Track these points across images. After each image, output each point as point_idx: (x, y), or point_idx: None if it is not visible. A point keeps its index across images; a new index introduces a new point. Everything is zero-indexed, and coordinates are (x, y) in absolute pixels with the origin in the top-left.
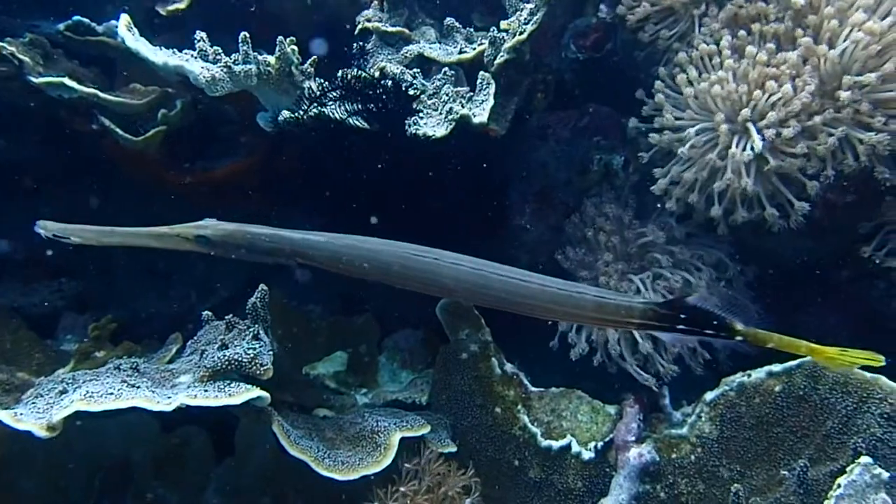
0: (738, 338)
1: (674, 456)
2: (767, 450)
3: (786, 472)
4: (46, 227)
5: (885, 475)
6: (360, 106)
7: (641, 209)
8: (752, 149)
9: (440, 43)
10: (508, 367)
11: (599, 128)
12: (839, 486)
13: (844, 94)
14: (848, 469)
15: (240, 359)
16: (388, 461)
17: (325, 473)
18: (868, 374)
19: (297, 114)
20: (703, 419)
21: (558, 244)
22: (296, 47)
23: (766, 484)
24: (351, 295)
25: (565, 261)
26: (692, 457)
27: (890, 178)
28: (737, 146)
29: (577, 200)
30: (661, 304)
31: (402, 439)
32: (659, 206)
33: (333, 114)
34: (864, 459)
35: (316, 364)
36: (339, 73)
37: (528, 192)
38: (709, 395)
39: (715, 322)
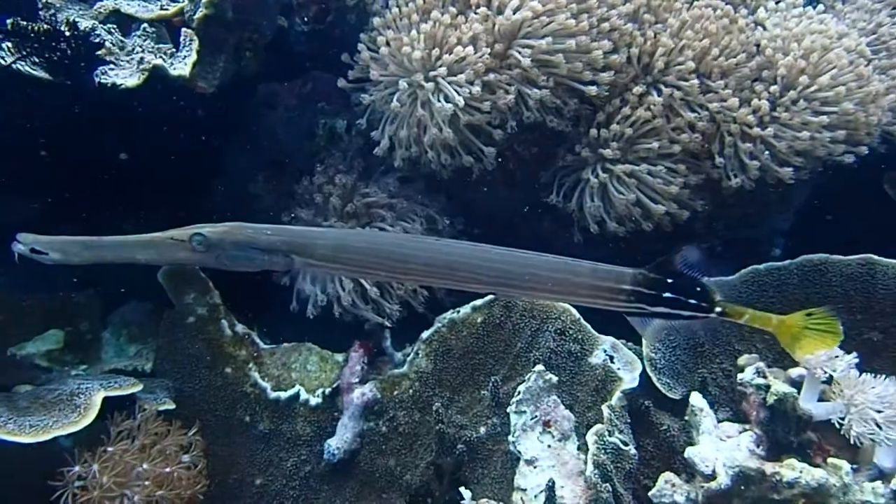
0: (717, 309)
1: (395, 393)
2: (472, 375)
3: (485, 392)
4: (25, 241)
5: (555, 379)
6: (38, 56)
7: (367, 169)
8: (450, 103)
9: (141, 1)
10: (239, 327)
11: (323, 94)
12: (519, 392)
13: (515, 56)
14: (526, 377)
15: None
16: (87, 421)
17: (7, 438)
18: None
19: None
20: (420, 356)
21: (290, 209)
22: None
23: (470, 404)
24: (83, 276)
25: (296, 222)
26: (411, 391)
27: (559, 125)
28: (438, 101)
29: (308, 165)
30: (650, 268)
31: (108, 399)
32: (382, 166)
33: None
34: (538, 368)
35: (24, 344)
36: (10, 21)
37: (259, 160)
38: (425, 334)
39: (698, 289)
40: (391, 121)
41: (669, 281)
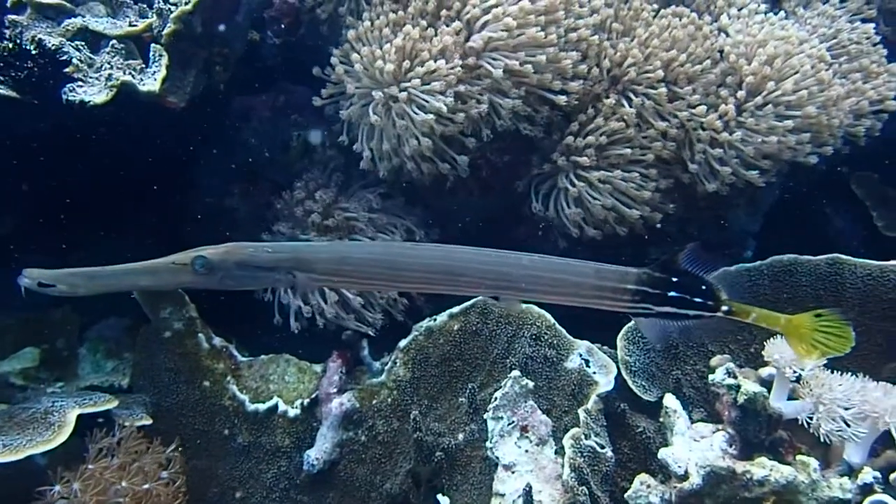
0: (724, 308)
1: (374, 402)
2: (449, 382)
3: (463, 399)
4: (31, 276)
5: (531, 384)
6: (4, 74)
7: (346, 182)
8: (429, 113)
9: (110, 18)
10: (217, 340)
11: (297, 106)
12: (496, 398)
13: (486, 67)
14: (503, 383)
15: None
16: (61, 438)
17: None
18: (522, 305)
19: None
20: (398, 364)
21: (267, 221)
22: None
23: (448, 411)
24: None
25: (276, 236)
26: (389, 399)
27: (532, 132)
28: (415, 112)
29: (283, 178)
30: (654, 267)
31: (82, 416)
32: (362, 180)
33: None
34: (515, 373)
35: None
36: None
37: (234, 174)
38: (402, 342)
39: (703, 287)
40: (370, 134)
41: (674, 280)
